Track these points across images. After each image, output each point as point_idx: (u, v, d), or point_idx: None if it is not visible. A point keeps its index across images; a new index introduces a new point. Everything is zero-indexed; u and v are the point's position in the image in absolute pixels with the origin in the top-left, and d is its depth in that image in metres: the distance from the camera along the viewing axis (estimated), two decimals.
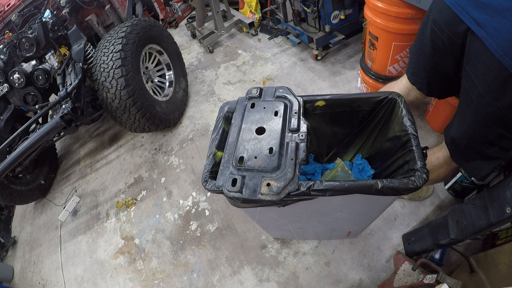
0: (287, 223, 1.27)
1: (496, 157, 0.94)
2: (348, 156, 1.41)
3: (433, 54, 0.98)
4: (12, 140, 1.90)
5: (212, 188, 0.90)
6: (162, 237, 1.86)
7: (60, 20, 2.24)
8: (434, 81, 1.07)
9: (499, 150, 0.91)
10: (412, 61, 1.13)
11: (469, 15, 0.78)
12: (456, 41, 0.86)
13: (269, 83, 2.52)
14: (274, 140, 0.92)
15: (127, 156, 2.44)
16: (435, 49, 0.96)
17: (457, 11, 0.81)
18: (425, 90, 1.13)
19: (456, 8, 0.81)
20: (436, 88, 1.10)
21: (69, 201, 2.30)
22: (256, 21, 3.05)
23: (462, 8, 0.80)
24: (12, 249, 2.29)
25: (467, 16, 0.79)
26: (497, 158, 0.94)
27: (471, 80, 0.86)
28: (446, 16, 0.86)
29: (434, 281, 1.12)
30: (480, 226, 0.98)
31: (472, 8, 0.77)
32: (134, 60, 2.00)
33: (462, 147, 1.01)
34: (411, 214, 1.54)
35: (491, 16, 0.74)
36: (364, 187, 0.81)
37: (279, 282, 1.51)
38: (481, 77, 0.81)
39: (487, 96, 0.82)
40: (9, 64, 2.00)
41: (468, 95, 0.90)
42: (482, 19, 0.75)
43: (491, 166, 0.97)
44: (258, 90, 1.10)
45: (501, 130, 0.85)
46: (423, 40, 1.00)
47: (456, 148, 1.06)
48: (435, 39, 0.94)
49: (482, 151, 0.95)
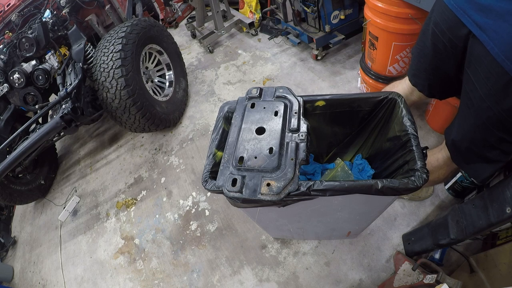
0: (287, 223, 1.27)
1: (497, 160, 0.93)
2: (348, 156, 1.41)
3: (434, 56, 0.98)
4: (12, 140, 1.90)
5: (212, 188, 0.90)
6: (162, 237, 1.86)
7: (60, 20, 2.24)
8: (435, 83, 1.07)
9: (500, 153, 0.91)
10: (413, 62, 1.13)
11: (470, 18, 0.77)
12: (457, 44, 0.85)
13: (269, 83, 2.52)
14: (274, 140, 0.92)
15: (127, 156, 2.44)
16: (436, 51, 0.95)
17: (459, 14, 0.80)
18: (426, 91, 1.13)
19: (457, 11, 0.81)
20: (437, 89, 1.10)
21: (69, 201, 2.30)
22: (256, 21, 3.05)
23: (463, 11, 0.79)
24: (12, 249, 2.29)
25: (468, 19, 0.78)
26: (498, 161, 0.93)
27: (472, 84, 0.85)
28: (448, 19, 0.85)
29: (434, 281, 1.12)
30: (480, 226, 0.98)
31: (474, 11, 0.77)
32: (134, 60, 2.00)
33: (463, 149, 1.01)
34: (411, 214, 1.54)
35: (493, 19, 0.73)
36: (364, 187, 0.81)
37: (279, 282, 1.51)
38: (482, 81, 0.81)
39: (488, 100, 0.81)
40: (9, 64, 2.00)
41: (469, 98, 0.90)
42: (483, 22, 0.75)
43: (492, 169, 0.96)
44: (258, 90, 1.10)
45: (502, 133, 0.85)
46: (424, 42, 1.00)
47: (457, 150, 1.05)
48: (436, 42, 0.93)
49: (483, 154, 0.95)
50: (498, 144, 0.89)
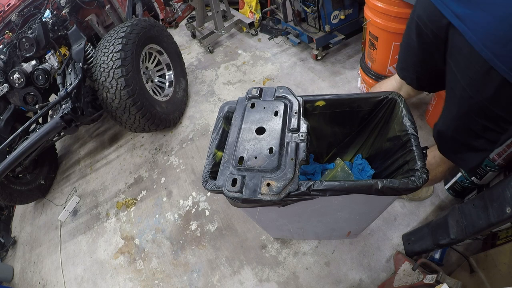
0: (287, 223, 1.27)
1: (484, 149, 0.95)
2: (348, 156, 1.41)
3: (420, 48, 1.00)
4: (12, 140, 1.90)
5: (212, 188, 0.90)
6: (162, 237, 1.86)
7: (60, 20, 2.24)
8: (423, 75, 1.08)
9: (485, 142, 0.92)
10: (400, 56, 1.15)
11: (449, 8, 0.79)
12: (439, 35, 0.87)
13: (269, 83, 2.52)
14: (274, 140, 0.92)
15: (127, 156, 2.44)
16: (421, 43, 0.97)
17: (438, 5, 0.81)
18: (414, 84, 1.14)
19: (437, 2, 0.82)
20: (426, 82, 1.11)
21: (69, 201, 2.30)
22: (256, 21, 3.05)
23: (442, 2, 0.80)
24: (12, 249, 2.29)
25: (447, 9, 0.79)
26: (485, 149, 0.95)
27: (454, 74, 0.87)
28: (429, 11, 0.87)
29: (434, 281, 1.12)
30: (480, 226, 0.98)
31: (452, 1, 0.78)
32: (134, 60, 2.00)
33: (449, 139, 1.03)
34: (411, 214, 1.54)
35: (471, 9, 0.74)
36: (364, 187, 0.81)
37: (279, 282, 1.51)
38: (463, 71, 0.82)
39: (469, 89, 0.83)
40: (9, 64, 2.00)
41: (451, 88, 0.92)
42: (462, 12, 0.76)
43: (479, 158, 0.98)
44: (258, 90, 1.10)
45: (484, 121, 0.86)
46: (410, 35, 1.02)
47: (443, 140, 1.07)
48: (420, 34, 0.95)
49: (468, 143, 0.97)
50: (482, 132, 0.90)
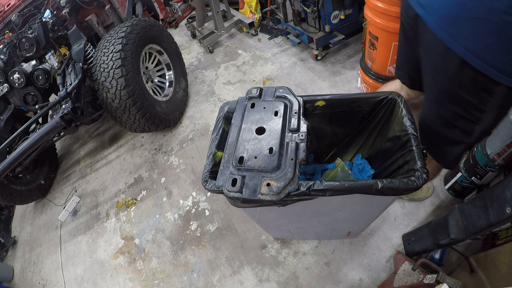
0: (287, 223, 1.27)
1: (459, 141, 0.97)
2: (348, 156, 1.41)
3: (406, 45, 1.03)
4: (12, 140, 1.90)
5: (212, 188, 0.90)
6: (162, 237, 1.86)
7: (60, 20, 2.24)
8: (414, 73, 1.09)
9: (460, 133, 0.94)
10: (397, 55, 1.18)
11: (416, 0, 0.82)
12: (413, 27, 0.90)
13: (269, 83, 2.52)
14: (274, 140, 0.92)
15: (127, 156, 2.44)
16: (406, 40, 1.00)
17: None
18: (408, 83, 1.16)
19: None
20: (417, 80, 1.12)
21: (69, 201, 2.30)
22: (256, 21, 3.05)
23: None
24: (12, 249, 2.29)
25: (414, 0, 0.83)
26: (460, 142, 0.97)
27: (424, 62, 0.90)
28: (405, 5, 0.90)
29: (434, 281, 1.12)
30: (480, 226, 0.98)
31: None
32: (134, 60, 2.00)
33: (426, 130, 1.05)
34: (411, 214, 1.54)
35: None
36: (364, 187, 0.81)
37: (279, 282, 1.51)
38: (428, 56, 0.86)
39: (436, 74, 0.86)
40: (9, 64, 2.00)
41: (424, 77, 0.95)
42: (424, 1, 0.79)
43: (456, 151, 1.00)
44: (258, 90, 1.10)
45: (454, 107, 0.89)
46: (400, 35, 1.05)
47: (422, 132, 1.09)
48: (404, 31, 0.99)
49: (444, 134, 0.99)
50: (455, 120, 0.92)
